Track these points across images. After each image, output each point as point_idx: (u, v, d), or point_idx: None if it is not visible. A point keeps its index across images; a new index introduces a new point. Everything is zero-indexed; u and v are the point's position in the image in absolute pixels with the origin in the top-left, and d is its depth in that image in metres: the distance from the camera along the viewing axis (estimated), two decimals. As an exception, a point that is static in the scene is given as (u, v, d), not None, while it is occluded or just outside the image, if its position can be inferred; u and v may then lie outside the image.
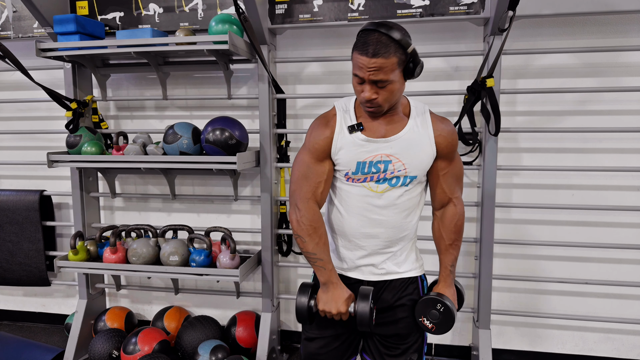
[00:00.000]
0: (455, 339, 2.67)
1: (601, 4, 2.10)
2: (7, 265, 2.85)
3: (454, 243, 1.48)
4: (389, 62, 1.22)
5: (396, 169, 1.34)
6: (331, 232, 1.48)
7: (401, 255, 1.45)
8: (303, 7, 2.36)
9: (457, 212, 1.47)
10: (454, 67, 2.44)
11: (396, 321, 1.46)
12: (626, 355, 2.52)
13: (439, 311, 1.42)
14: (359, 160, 1.34)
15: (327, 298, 1.35)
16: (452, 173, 1.45)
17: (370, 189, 1.36)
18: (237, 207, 2.79)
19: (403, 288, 1.46)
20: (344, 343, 1.49)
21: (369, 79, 1.24)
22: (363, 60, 1.22)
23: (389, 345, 1.47)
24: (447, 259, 1.50)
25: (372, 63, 1.21)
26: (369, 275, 1.44)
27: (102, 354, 2.50)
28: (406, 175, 1.36)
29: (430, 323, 1.43)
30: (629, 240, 2.40)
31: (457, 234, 1.48)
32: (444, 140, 1.38)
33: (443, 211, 1.49)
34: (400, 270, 1.46)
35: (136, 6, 2.58)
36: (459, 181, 1.49)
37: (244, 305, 2.84)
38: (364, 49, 1.22)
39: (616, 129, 2.30)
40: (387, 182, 1.36)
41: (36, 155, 2.92)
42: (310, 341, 1.51)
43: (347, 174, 1.37)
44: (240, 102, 2.67)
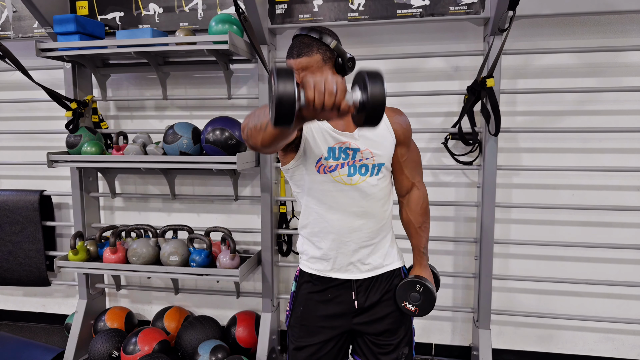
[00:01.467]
0: (456, 339, 2.67)
1: (601, 4, 2.10)
2: (7, 265, 2.85)
3: (422, 225, 1.54)
4: (313, 59, 1.30)
5: (364, 156, 1.37)
6: (311, 237, 1.44)
7: (384, 247, 1.47)
8: (303, 7, 2.36)
9: (422, 195, 1.53)
10: (454, 67, 2.44)
11: (385, 316, 1.46)
12: (626, 355, 2.52)
13: (418, 292, 1.44)
14: (329, 146, 1.36)
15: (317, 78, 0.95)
16: (412, 159, 1.51)
17: (344, 182, 1.36)
18: (237, 207, 2.79)
19: (389, 282, 1.47)
20: (334, 347, 1.47)
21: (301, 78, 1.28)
22: (290, 63, 1.33)
23: (381, 343, 1.47)
24: (419, 242, 1.54)
25: (298, 63, 1.31)
26: (357, 273, 1.44)
27: (102, 354, 2.50)
28: (374, 163, 1.38)
29: (413, 306, 1.45)
30: (629, 240, 2.40)
31: (424, 215, 1.54)
32: (400, 128, 1.44)
33: (408, 197, 1.54)
34: (386, 262, 1.47)
35: (136, 6, 2.58)
36: (419, 166, 1.55)
37: (244, 305, 2.84)
38: (290, 53, 1.34)
39: (616, 129, 2.30)
40: (357, 171, 1.37)
41: (36, 155, 2.92)
42: (300, 350, 1.48)
43: (319, 161, 1.35)
44: (240, 102, 2.67)
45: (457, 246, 2.58)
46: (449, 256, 2.59)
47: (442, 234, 2.55)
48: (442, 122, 2.48)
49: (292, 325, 1.51)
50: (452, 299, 2.63)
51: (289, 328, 1.53)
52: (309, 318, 1.46)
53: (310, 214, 1.43)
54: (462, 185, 2.52)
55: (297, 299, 1.50)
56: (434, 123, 2.49)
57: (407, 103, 2.47)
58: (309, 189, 1.40)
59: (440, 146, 2.46)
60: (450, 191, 2.53)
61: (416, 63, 2.46)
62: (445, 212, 2.56)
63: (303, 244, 1.50)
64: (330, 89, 0.93)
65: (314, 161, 1.36)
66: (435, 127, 2.48)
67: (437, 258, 2.59)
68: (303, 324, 1.47)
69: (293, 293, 1.53)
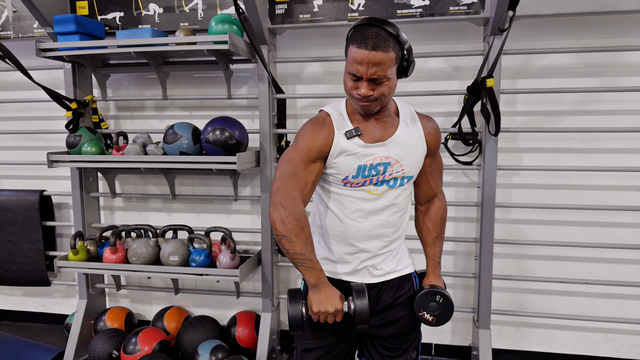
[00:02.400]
0: (456, 339, 2.67)
1: (601, 4, 2.10)
2: (7, 265, 2.85)
3: (439, 235, 1.54)
4: (388, 57, 1.21)
5: (394, 170, 1.34)
6: (327, 238, 1.44)
7: (398, 254, 1.46)
8: (303, 7, 2.36)
9: (442, 205, 1.54)
10: (454, 67, 2.44)
11: (396, 320, 1.45)
12: (626, 355, 2.52)
13: (438, 302, 1.44)
14: (360, 164, 1.32)
15: (320, 299, 1.28)
16: (437, 169, 1.50)
17: (370, 192, 1.35)
18: (237, 207, 2.79)
19: (400, 286, 1.47)
20: (343, 349, 1.46)
21: (369, 76, 1.21)
22: (362, 53, 1.19)
23: (390, 346, 1.47)
24: (435, 251, 1.54)
25: (372, 57, 1.18)
26: (369, 277, 1.43)
27: (102, 354, 2.50)
28: (404, 175, 1.36)
29: (431, 316, 1.45)
30: (629, 240, 2.40)
31: (443, 226, 1.54)
32: (432, 138, 1.42)
33: (428, 205, 1.53)
34: (398, 268, 1.46)
35: (136, 6, 2.58)
36: (442, 176, 1.55)
37: (244, 305, 2.84)
38: (362, 42, 1.19)
39: (616, 129, 2.30)
40: (385, 183, 1.35)
41: (36, 155, 2.92)
42: (309, 352, 1.47)
43: (345, 179, 1.33)
44: (240, 102, 2.67)
45: (457, 246, 2.58)
46: (449, 256, 2.59)
47: (442, 234, 2.55)
48: (442, 122, 2.48)
49: None
50: (452, 298, 2.62)
51: None
52: None
53: (327, 215, 1.41)
54: (462, 185, 2.52)
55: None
56: (434, 123, 2.49)
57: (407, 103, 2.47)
58: (332, 192, 1.38)
59: (440, 146, 2.46)
60: (450, 191, 2.53)
61: (416, 63, 2.45)
62: (445, 212, 2.56)
63: (317, 243, 1.47)
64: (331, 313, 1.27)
65: (340, 178, 1.34)
66: (435, 127, 2.48)
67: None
68: (312, 325, 1.45)
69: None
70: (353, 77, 1.24)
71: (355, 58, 1.21)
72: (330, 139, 1.32)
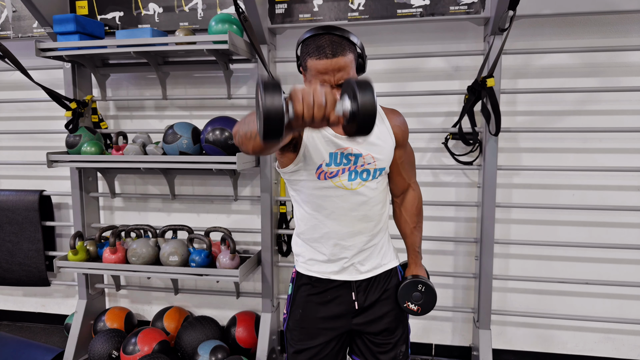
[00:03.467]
0: (456, 339, 2.67)
1: (601, 4, 2.10)
2: (7, 265, 2.85)
3: (417, 225, 1.55)
4: (349, 59, 1.23)
5: (366, 161, 1.34)
6: (311, 242, 1.43)
7: (382, 247, 1.47)
8: (303, 6, 2.36)
9: (417, 196, 1.55)
10: (454, 67, 2.44)
11: (383, 315, 1.46)
12: (626, 355, 2.51)
13: (420, 292, 1.46)
14: (331, 152, 1.31)
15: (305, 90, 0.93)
16: (408, 160, 1.51)
17: (345, 187, 1.34)
18: (237, 207, 2.79)
19: (386, 281, 1.47)
20: (334, 348, 1.46)
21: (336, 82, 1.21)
22: (324, 63, 1.19)
23: (379, 342, 1.47)
24: (414, 242, 1.55)
25: (335, 63, 1.19)
26: (356, 274, 1.42)
27: (102, 354, 2.49)
28: (376, 167, 1.36)
29: (415, 305, 1.47)
30: (629, 240, 2.40)
31: (419, 216, 1.56)
32: (400, 130, 1.43)
33: (403, 197, 1.54)
34: (383, 262, 1.47)
35: (136, 6, 2.58)
36: (414, 167, 1.56)
37: (243, 305, 2.84)
38: (321, 52, 1.19)
39: (616, 129, 2.30)
40: (358, 176, 1.35)
41: (36, 155, 2.91)
42: (300, 353, 1.46)
43: (319, 167, 1.31)
44: (240, 102, 2.67)
45: (458, 246, 2.58)
46: (449, 256, 2.59)
47: (442, 234, 2.55)
48: (443, 122, 2.48)
49: (291, 329, 1.49)
50: (452, 299, 2.63)
51: (287, 331, 1.51)
52: (308, 320, 1.45)
53: (309, 220, 1.41)
54: (462, 185, 2.52)
55: (295, 301, 1.48)
56: (434, 123, 2.49)
57: (407, 103, 2.47)
58: (307, 194, 1.38)
59: (441, 146, 2.46)
60: (451, 191, 2.53)
61: (416, 63, 2.46)
62: (446, 212, 2.56)
63: (300, 246, 1.47)
64: (320, 101, 0.91)
65: (314, 168, 1.33)
66: (436, 127, 2.48)
67: (437, 258, 2.59)
68: (302, 326, 1.45)
69: (290, 296, 1.51)
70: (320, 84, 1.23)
71: (318, 69, 1.21)
72: None
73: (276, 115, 0.87)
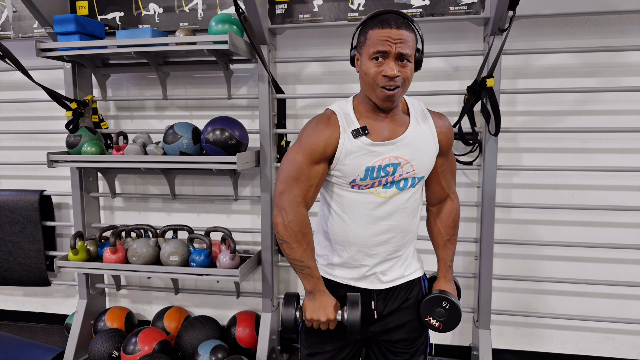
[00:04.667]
0: (456, 339, 2.67)
1: (601, 4, 2.10)
2: (7, 265, 2.85)
3: (451, 238, 1.48)
4: (411, 37, 1.20)
5: (405, 171, 1.28)
6: (333, 243, 1.39)
7: (407, 259, 1.42)
8: (303, 7, 2.36)
9: (455, 207, 1.48)
10: (454, 67, 2.44)
11: (403, 325, 1.42)
12: (626, 355, 2.52)
13: (444, 308, 1.40)
14: (368, 166, 1.25)
15: (314, 306, 1.29)
16: (450, 169, 1.44)
17: (378, 195, 1.29)
18: (237, 207, 2.79)
19: (408, 291, 1.43)
20: (349, 354, 1.44)
21: (397, 51, 1.17)
22: (387, 32, 1.17)
23: (397, 350, 1.43)
24: (446, 255, 1.49)
25: (399, 35, 1.17)
26: (377, 283, 1.39)
27: (102, 354, 2.50)
28: (414, 176, 1.31)
29: (437, 322, 1.41)
30: (629, 240, 2.40)
31: (455, 228, 1.49)
32: (445, 137, 1.36)
33: (440, 207, 1.48)
34: (407, 273, 1.42)
35: (136, 6, 2.58)
36: (454, 176, 1.48)
37: (244, 305, 2.84)
38: (384, 23, 1.17)
39: (616, 129, 2.30)
40: (394, 185, 1.29)
41: (36, 155, 2.92)
42: (313, 356, 1.44)
43: (353, 181, 1.27)
44: (240, 102, 2.67)
45: (457, 246, 2.53)
46: (449, 256, 2.59)
47: (442, 234, 2.55)
48: (442, 122, 2.48)
49: (306, 330, 1.45)
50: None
51: (302, 332, 1.48)
52: None
53: (334, 219, 1.36)
54: (462, 185, 2.52)
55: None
56: (434, 123, 2.48)
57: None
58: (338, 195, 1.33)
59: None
60: (450, 191, 2.53)
61: (416, 63, 2.46)
62: (445, 212, 2.56)
63: (323, 247, 1.43)
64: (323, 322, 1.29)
65: (347, 180, 1.29)
66: (435, 127, 2.47)
67: (437, 258, 2.59)
68: (317, 330, 1.39)
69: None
70: (378, 56, 1.19)
71: (379, 38, 1.18)
72: (335, 139, 1.26)
73: (289, 325, 1.31)
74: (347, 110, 1.31)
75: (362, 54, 1.24)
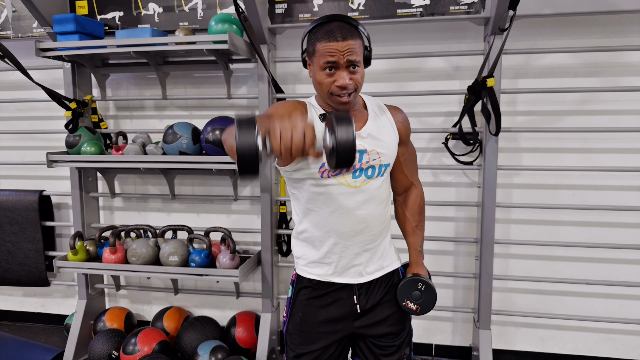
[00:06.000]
0: (456, 339, 2.67)
1: (601, 3, 2.10)
2: (7, 266, 2.84)
3: (419, 224, 1.53)
4: (358, 43, 1.23)
5: (371, 157, 1.32)
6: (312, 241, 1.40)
7: (384, 248, 1.45)
8: (303, 6, 2.35)
9: (419, 194, 1.53)
10: (455, 66, 2.44)
11: (386, 318, 1.44)
12: (626, 355, 2.51)
13: (420, 290, 1.43)
14: None
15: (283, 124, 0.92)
16: (411, 158, 1.50)
17: (349, 184, 1.32)
18: (237, 207, 2.79)
19: (388, 283, 1.45)
20: (335, 352, 1.43)
21: (346, 60, 1.20)
22: (334, 45, 1.20)
23: (383, 344, 1.45)
24: (416, 241, 1.53)
25: (345, 46, 1.20)
26: (358, 277, 1.40)
27: (102, 354, 2.49)
28: (381, 163, 1.34)
29: (414, 304, 1.44)
30: (629, 240, 2.40)
31: (422, 214, 1.54)
32: (403, 127, 1.42)
33: (405, 195, 1.53)
34: (385, 264, 1.45)
35: (136, 6, 2.58)
36: (416, 164, 1.54)
37: (243, 305, 2.84)
38: (330, 36, 1.20)
39: (616, 129, 2.30)
40: (363, 173, 1.32)
41: (36, 155, 2.91)
42: (300, 357, 1.44)
43: (322, 166, 1.28)
44: (240, 101, 2.67)
45: (458, 246, 2.58)
46: (449, 256, 2.59)
47: (443, 234, 2.55)
48: (443, 122, 2.47)
49: (291, 332, 1.46)
50: (453, 299, 2.62)
51: (287, 334, 1.48)
52: (308, 324, 1.42)
53: (310, 217, 1.38)
54: (462, 185, 2.52)
55: (296, 304, 1.45)
56: (434, 123, 2.49)
57: (407, 103, 2.47)
58: (309, 192, 1.34)
59: (441, 146, 2.46)
60: (451, 191, 2.53)
61: (416, 63, 2.46)
62: (446, 212, 2.56)
63: (301, 247, 1.44)
64: (298, 138, 0.90)
65: (317, 166, 1.29)
66: (436, 127, 2.48)
67: (437, 258, 2.59)
68: (303, 330, 1.42)
69: (290, 299, 1.48)
70: (329, 68, 1.23)
71: (327, 51, 1.21)
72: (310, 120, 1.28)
73: (250, 154, 0.88)
74: (312, 103, 1.37)
75: (313, 63, 1.28)
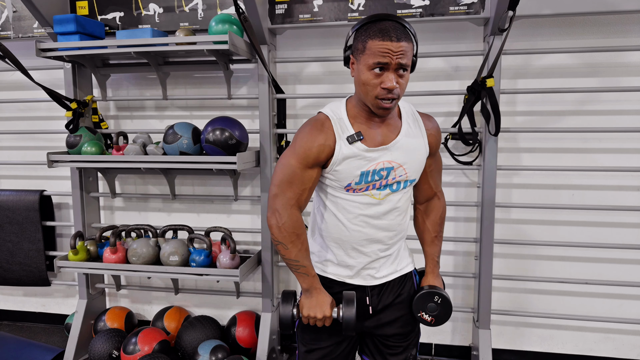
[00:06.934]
0: (456, 339, 2.67)
1: (601, 4, 2.10)
2: (7, 265, 2.85)
3: (438, 235, 1.54)
4: (410, 47, 1.21)
5: (397, 174, 1.32)
6: (328, 240, 1.42)
7: (398, 256, 1.46)
8: (303, 7, 2.36)
9: (442, 205, 1.54)
10: (454, 67, 2.44)
11: (396, 319, 1.46)
12: (626, 355, 2.52)
13: (436, 303, 1.44)
14: (363, 170, 1.29)
15: (310, 303, 1.33)
16: (437, 168, 1.50)
17: (372, 196, 1.33)
18: (237, 207, 2.79)
19: (401, 286, 1.47)
20: (345, 348, 1.47)
21: (397, 62, 1.18)
22: (388, 45, 1.17)
23: (391, 344, 1.47)
24: (434, 251, 1.53)
25: (399, 47, 1.17)
26: (370, 280, 1.43)
27: (102, 354, 2.50)
28: (407, 179, 1.35)
29: (429, 316, 1.45)
30: (629, 240, 2.40)
31: (442, 225, 1.54)
32: (434, 139, 1.41)
33: (427, 205, 1.53)
34: (398, 268, 1.46)
35: (136, 6, 2.58)
36: (441, 175, 1.55)
37: (244, 305, 2.84)
38: (385, 35, 1.17)
39: (616, 129, 2.30)
40: (388, 187, 1.33)
41: (36, 155, 2.92)
42: (311, 352, 1.47)
43: (348, 185, 1.31)
44: (240, 102, 2.67)
45: (457, 246, 2.58)
46: (449, 256, 2.59)
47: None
48: (442, 122, 2.48)
49: (303, 328, 1.48)
50: (452, 299, 2.63)
51: (299, 330, 1.50)
52: None
53: (328, 218, 1.39)
54: (462, 185, 2.52)
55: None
56: (434, 123, 2.49)
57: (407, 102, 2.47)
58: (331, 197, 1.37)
59: (440, 146, 2.46)
60: (450, 191, 2.53)
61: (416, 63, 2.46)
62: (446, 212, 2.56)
63: (318, 244, 1.46)
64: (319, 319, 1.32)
65: (342, 184, 1.32)
66: (435, 127, 2.48)
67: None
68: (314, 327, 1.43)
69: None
70: (378, 68, 1.20)
71: (379, 50, 1.18)
72: (329, 146, 1.28)
73: (287, 323, 1.36)
74: (341, 115, 1.33)
75: (359, 61, 1.24)
